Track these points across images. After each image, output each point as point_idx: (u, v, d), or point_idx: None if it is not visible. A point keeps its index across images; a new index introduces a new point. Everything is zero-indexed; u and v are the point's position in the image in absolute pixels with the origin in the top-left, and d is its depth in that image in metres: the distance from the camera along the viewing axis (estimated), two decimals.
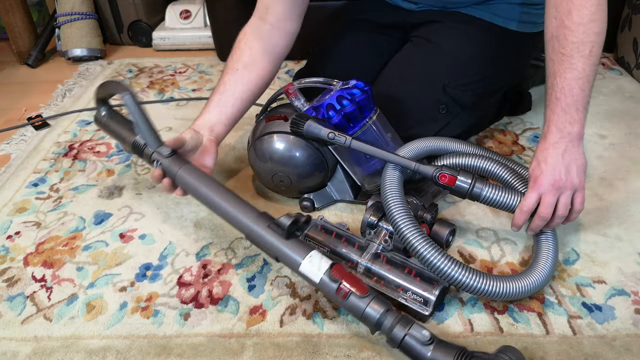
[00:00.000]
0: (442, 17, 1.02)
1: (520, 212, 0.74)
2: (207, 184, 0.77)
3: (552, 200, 0.73)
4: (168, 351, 0.69)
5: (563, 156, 0.73)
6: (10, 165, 1.14)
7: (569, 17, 0.71)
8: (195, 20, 1.72)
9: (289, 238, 0.70)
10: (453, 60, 0.97)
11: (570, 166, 0.73)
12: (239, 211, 0.74)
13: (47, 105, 1.41)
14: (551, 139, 0.74)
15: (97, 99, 0.94)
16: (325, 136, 0.79)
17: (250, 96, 0.93)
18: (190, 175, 0.78)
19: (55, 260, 0.86)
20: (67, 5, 1.64)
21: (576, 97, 0.72)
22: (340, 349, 0.68)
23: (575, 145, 0.73)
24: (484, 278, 0.69)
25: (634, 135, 1.12)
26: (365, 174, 0.89)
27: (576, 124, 0.73)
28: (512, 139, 1.13)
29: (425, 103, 0.96)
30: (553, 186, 0.73)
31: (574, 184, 0.73)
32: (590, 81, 0.72)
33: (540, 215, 0.74)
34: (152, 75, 1.55)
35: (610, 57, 1.47)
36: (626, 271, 0.79)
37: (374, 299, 0.65)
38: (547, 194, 0.73)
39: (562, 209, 0.74)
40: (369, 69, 1.07)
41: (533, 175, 0.75)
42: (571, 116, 0.72)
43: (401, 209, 0.73)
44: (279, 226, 0.71)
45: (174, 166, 0.79)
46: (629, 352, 0.67)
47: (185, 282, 0.80)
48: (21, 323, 0.75)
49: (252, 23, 0.94)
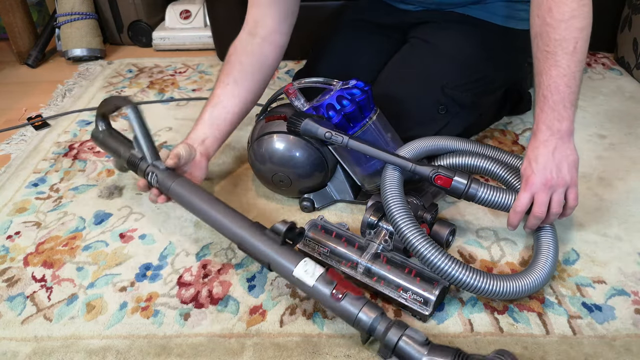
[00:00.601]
0: (439, 18, 1.02)
1: (514, 213, 0.75)
2: (200, 197, 0.79)
3: (545, 199, 0.73)
4: (168, 351, 0.69)
5: (554, 154, 0.73)
6: (10, 165, 1.14)
7: (550, 14, 0.72)
8: (195, 20, 1.72)
9: (283, 244, 0.71)
10: (451, 61, 0.97)
11: (561, 164, 0.73)
12: (231, 221, 0.75)
13: (47, 105, 1.40)
14: (541, 137, 0.74)
15: (98, 114, 0.95)
16: (322, 135, 0.79)
17: (242, 109, 0.94)
18: (184, 188, 0.80)
19: (55, 260, 0.86)
20: (67, 5, 1.64)
21: (563, 94, 0.72)
22: (340, 349, 0.68)
23: (565, 142, 0.73)
24: (484, 277, 0.69)
25: (634, 135, 1.12)
26: (365, 174, 0.89)
27: (565, 121, 0.73)
28: (512, 139, 1.13)
29: (424, 104, 0.96)
30: (545, 185, 0.73)
31: (566, 181, 0.73)
32: (576, 77, 0.72)
33: (534, 214, 0.74)
34: (152, 75, 1.55)
35: (610, 57, 1.47)
36: (626, 271, 0.79)
37: (366, 303, 0.65)
38: (540, 193, 0.73)
39: (556, 207, 0.74)
40: (368, 69, 1.07)
41: (525, 175, 0.75)
42: (559, 113, 0.72)
43: (401, 209, 0.73)
44: (275, 232, 0.71)
45: (168, 180, 0.81)
46: (629, 352, 0.67)
47: (185, 282, 0.80)
48: (21, 323, 0.75)
49: (242, 38, 0.94)
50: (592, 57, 1.48)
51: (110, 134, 0.94)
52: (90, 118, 1.31)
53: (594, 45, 1.55)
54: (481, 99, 1.00)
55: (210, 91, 0.95)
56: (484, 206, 0.78)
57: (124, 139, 0.92)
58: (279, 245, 0.71)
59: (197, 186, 0.81)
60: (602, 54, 1.49)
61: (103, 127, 0.95)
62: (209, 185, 1.03)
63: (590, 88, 1.32)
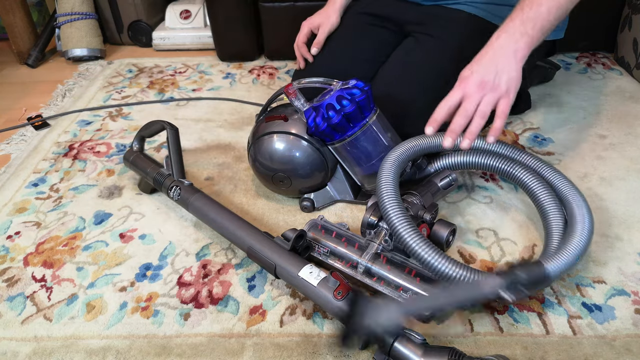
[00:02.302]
0: (445, 13, 1.01)
1: (440, 108, 0.73)
2: (215, 209, 0.85)
3: (476, 98, 0.72)
4: (168, 351, 0.69)
5: (498, 62, 0.72)
6: (10, 165, 1.14)
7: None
8: (195, 20, 1.72)
9: (291, 250, 0.75)
10: (457, 56, 0.97)
11: (501, 73, 0.72)
12: (243, 230, 0.80)
13: (47, 105, 1.41)
14: (496, 44, 0.73)
15: (138, 135, 1.02)
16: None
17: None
18: (201, 202, 0.87)
19: (55, 260, 0.86)
20: (67, 5, 1.64)
21: (540, 15, 0.71)
22: (340, 349, 0.68)
23: (515, 59, 0.72)
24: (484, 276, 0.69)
25: (634, 135, 1.12)
26: (365, 174, 0.89)
27: (525, 38, 0.72)
28: (512, 139, 1.13)
29: (428, 99, 0.96)
30: (479, 86, 0.71)
31: (500, 90, 0.72)
32: (560, 8, 0.72)
33: (461, 110, 0.72)
34: (152, 75, 1.55)
35: (610, 57, 1.47)
36: (626, 271, 0.79)
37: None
38: (472, 93, 0.72)
39: (484, 107, 0.72)
40: (367, 66, 1.06)
41: (462, 76, 0.74)
42: (525, 29, 0.72)
43: (398, 211, 0.73)
44: (285, 238, 0.76)
45: (189, 194, 0.88)
46: (629, 352, 0.67)
47: (185, 282, 0.80)
48: (21, 323, 0.75)
49: None
50: (592, 57, 1.48)
51: (140, 156, 1.00)
52: (91, 118, 1.32)
53: (594, 45, 1.56)
54: None
55: (210, 91, 0.95)
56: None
57: (151, 162, 0.98)
58: (287, 250, 0.75)
59: (213, 200, 0.87)
60: (602, 54, 1.49)
61: (137, 148, 1.01)
62: (209, 185, 1.03)
63: (590, 88, 1.32)
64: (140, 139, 1.02)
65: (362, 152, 0.86)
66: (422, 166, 0.92)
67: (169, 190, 0.91)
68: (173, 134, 0.94)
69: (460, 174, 1.02)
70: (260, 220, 0.93)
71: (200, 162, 1.10)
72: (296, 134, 0.88)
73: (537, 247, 0.84)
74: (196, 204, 0.87)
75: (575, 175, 1.00)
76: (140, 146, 1.02)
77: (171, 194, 0.90)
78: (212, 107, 1.33)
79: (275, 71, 1.53)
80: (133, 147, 1.02)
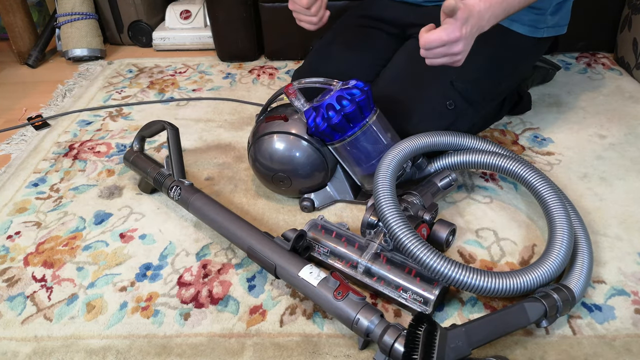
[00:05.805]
0: None
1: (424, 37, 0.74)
2: (215, 209, 0.85)
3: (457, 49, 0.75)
4: (168, 351, 0.69)
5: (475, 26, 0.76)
6: (11, 165, 1.14)
7: None
8: (195, 21, 1.72)
9: (291, 250, 0.75)
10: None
11: (472, 35, 0.75)
12: (243, 230, 0.80)
13: (47, 105, 1.41)
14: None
15: (138, 135, 1.02)
16: None
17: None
18: (201, 202, 0.87)
19: (55, 260, 0.86)
20: (67, 5, 1.64)
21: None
22: (340, 348, 0.68)
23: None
24: (483, 275, 0.68)
25: (634, 135, 1.12)
26: (365, 174, 0.89)
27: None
28: (512, 139, 1.13)
29: (432, 98, 0.96)
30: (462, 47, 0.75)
31: (462, 58, 0.76)
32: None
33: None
34: (152, 75, 1.55)
35: (610, 57, 1.47)
36: (626, 271, 0.79)
37: (365, 306, 0.66)
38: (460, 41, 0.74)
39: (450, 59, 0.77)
40: (368, 70, 1.06)
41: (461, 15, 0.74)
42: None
43: (395, 214, 0.73)
44: (285, 238, 0.76)
45: (189, 194, 0.88)
46: (629, 352, 0.67)
47: (185, 282, 0.80)
48: (21, 323, 0.75)
49: None
50: (592, 57, 1.48)
51: (140, 156, 0.99)
52: (91, 118, 1.32)
53: (594, 45, 1.55)
54: (487, 98, 1.00)
55: (210, 91, 0.95)
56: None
57: (151, 162, 0.98)
58: (287, 250, 0.75)
59: (213, 200, 0.87)
60: (602, 54, 1.49)
61: (137, 148, 1.01)
62: (209, 185, 1.03)
63: (590, 88, 1.32)
64: (140, 139, 1.02)
65: (362, 152, 0.86)
66: (422, 166, 0.92)
67: (169, 190, 0.91)
68: (173, 134, 0.95)
69: (460, 174, 1.02)
70: (260, 220, 0.93)
71: (200, 162, 1.11)
72: (296, 134, 0.88)
73: (537, 247, 0.84)
74: (196, 204, 0.87)
75: (575, 175, 1.00)
76: (140, 146, 1.02)
77: (171, 194, 0.90)
78: (212, 107, 1.33)
79: (275, 71, 1.53)
80: (133, 147, 1.02)
